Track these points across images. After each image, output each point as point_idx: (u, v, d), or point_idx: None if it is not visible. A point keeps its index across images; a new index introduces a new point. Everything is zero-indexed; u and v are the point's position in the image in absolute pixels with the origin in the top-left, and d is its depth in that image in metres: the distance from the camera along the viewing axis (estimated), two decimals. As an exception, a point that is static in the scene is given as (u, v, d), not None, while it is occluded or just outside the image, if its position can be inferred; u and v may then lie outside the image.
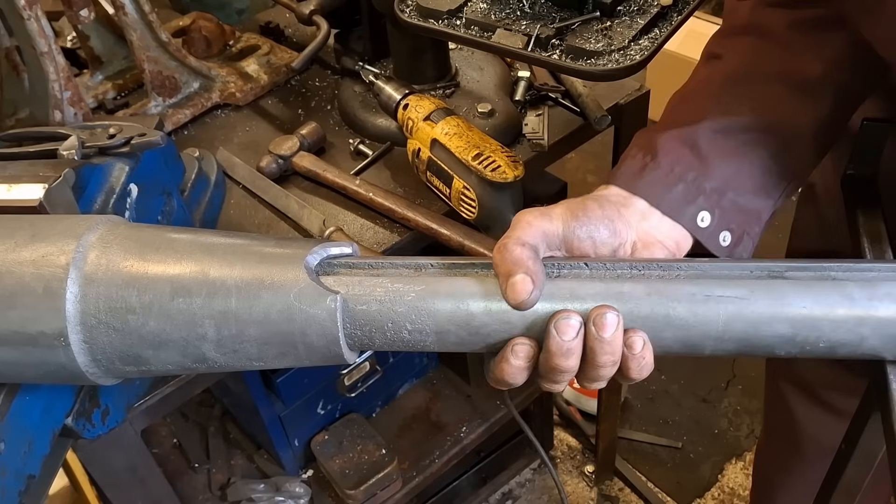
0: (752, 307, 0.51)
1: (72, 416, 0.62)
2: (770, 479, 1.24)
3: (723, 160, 0.64)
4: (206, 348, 0.52)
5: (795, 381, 1.07)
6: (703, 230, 0.63)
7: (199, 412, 1.57)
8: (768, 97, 0.67)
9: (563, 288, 0.52)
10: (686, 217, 0.62)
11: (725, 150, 0.64)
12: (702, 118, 0.66)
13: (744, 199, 0.64)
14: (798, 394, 1.07)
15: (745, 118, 0.65)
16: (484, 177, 0.90)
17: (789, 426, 1.12)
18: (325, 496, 1.43)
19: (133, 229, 0.55)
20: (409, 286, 0.53)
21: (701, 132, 0.65)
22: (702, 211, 0.63)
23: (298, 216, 1.01)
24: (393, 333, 0.53)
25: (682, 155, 0.64)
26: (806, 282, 0.52)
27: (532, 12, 0.92)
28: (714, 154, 0.64)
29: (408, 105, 1.00)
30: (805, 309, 0.51)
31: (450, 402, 1.53)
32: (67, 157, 0.69)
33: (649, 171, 0.63)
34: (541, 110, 1.12)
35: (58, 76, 0.91)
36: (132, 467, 0.91)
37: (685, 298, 0.51)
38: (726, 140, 0.65)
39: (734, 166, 0.64)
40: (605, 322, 0.50)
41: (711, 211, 0.63)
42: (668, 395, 2.09)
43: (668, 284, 0.52)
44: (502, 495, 1.91)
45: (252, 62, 1.25)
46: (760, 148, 0.65)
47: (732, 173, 0.64)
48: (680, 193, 0.63)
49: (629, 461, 1.94)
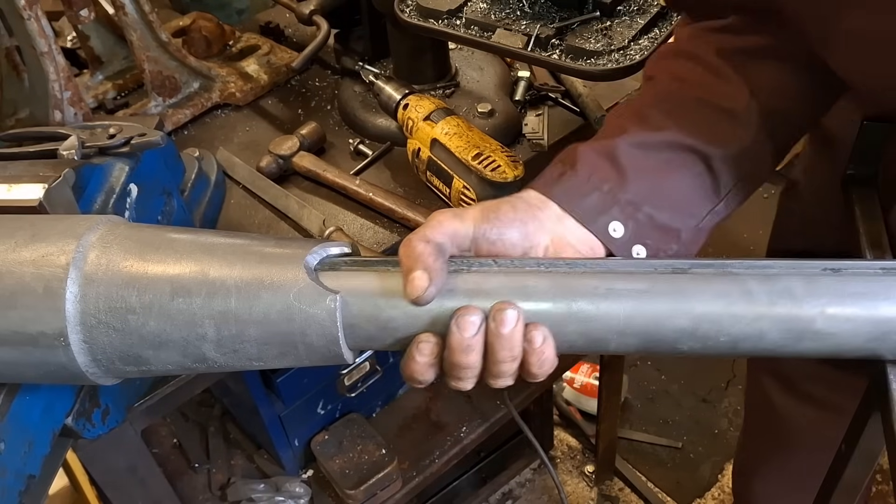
0: (653, 301, 0.52)
1: (72, 416, 0.62)
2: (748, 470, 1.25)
3: (641, 174, 0.65)
4: (206, 348, 0.52)
5: (774, 372, 1.08)
6: (615, 241, 0.63)
7: (199, 412, 1.57)
8: (692, 118, 0.67)
9: (469, 283, 0.53)
10: (598, 225, 0.63)
11: (644, 164, 0.65)
12: (624, 133, 0.67)
13: (661, 216, 0.65)
14: (777, 385, 1.08)
15: (668, 136, 0.66)
16: (484, 177, 0.90)
17: (768, 417, 1.13)
18: (325, 496, 1.42)
19: (133, 229, 0.55)
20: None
21: (620, 145, 0.66)
22: (614, 221, 0.63)
23: (298, 216, 1.01)
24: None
25: (600, 165, 0.65)
26: (707, 277, 0.52)
27: (532, 12, 0.92)
28: (632, 167, 0.65)
29: (408, 105, 1.00)
30: (704, 303, 0.51)
31: (450, 402, 1.53)
32: (67, 157, 0.69)
33: (566, 178, 0.64)
34: (541, 110, 1.12)
35: (58, 76, 0.91)
36: (132, 467, 0.91)
37: (587, 292, 0.52)
38: (646, 155, 0.66)
39: (652, 182, 0.65)
40: (504, 318, 0.51)
41: (625, 223, 0.63)
42: (668, 395, 2.09)
43: (572, 279, 0.53)
44: (502, 495, 1.91)
45: (252, 62, 1.25)
46: (682, 167, 0.66)
47: (650, 188, 0.65)
48: (594, 201, 0.63)
49: (629, 461, 1.94)
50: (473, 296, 0.53)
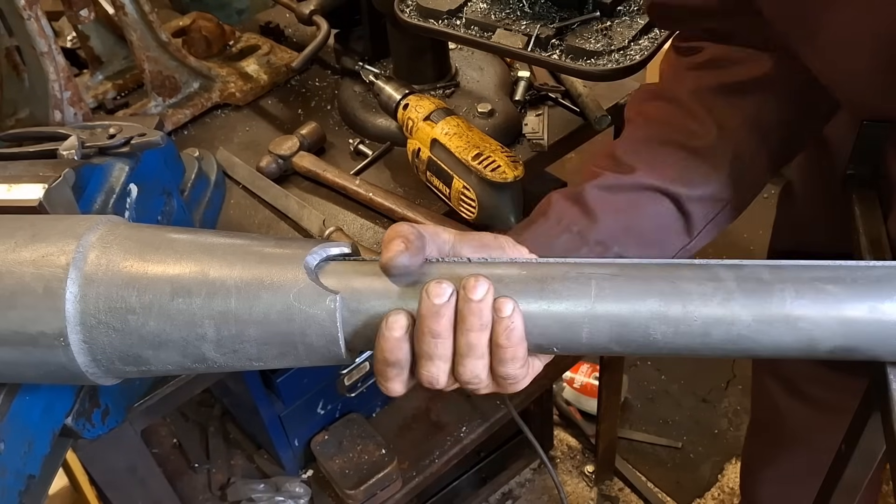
0: (623, 281, 0.52)
1: (72, 416, 0.62)
2: (755, 470, 1.25)
3: (609, 215, 0.66)
4: (206, 348, 0.52)
5: (777, 375, 1.09)
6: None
7: (199, 412, 1.57)
8: (662, 160, 0.69)
9: (442, 269, 0.54)
10: None
11: (612, 206, 0.67)
12: (597, 176, 0.69)
13: (630, 254, 0.66)
14: (780, 387, 1.09)
15: (635, 178, 0.68)
16: (484, 177, 0.90)
17: (773, 419, 1.14)
18: (325, 496, 1.42)
19: (133, 229, 0.55)
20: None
21: (588, 189, 0.68)
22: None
23: (298, 216, 1.02)
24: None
25: (569, 209, 0.67)
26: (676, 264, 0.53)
27: (532, 12, 0.92)
28: (601, 209, 0.66)
29: (408, 105, 1.00)
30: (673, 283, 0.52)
31: (450, 402, 1.53)
32: (67, 157, 0.69)
33: (538, 224, 0.67)
34: (541, 110, 1.12)
35: (58, 76, 0.91)
36: (132, 467, 0.91)
37: (558, 275, 0.53)
38: (614, 197, 0.67)
39: (621, 222, 0.66)
40: (475, 285, 0.51)
41: None
42: (668, 395, 2.09)
43: (543, 268, 0.54)
44: (502, 495, 1.91)
45: (252, 62, 1.25)
46: (650, 207, 0.67)
47: (619, 228, 0.66)
48: (563, 243, 0.65)
49: (629, 461, 1.94)
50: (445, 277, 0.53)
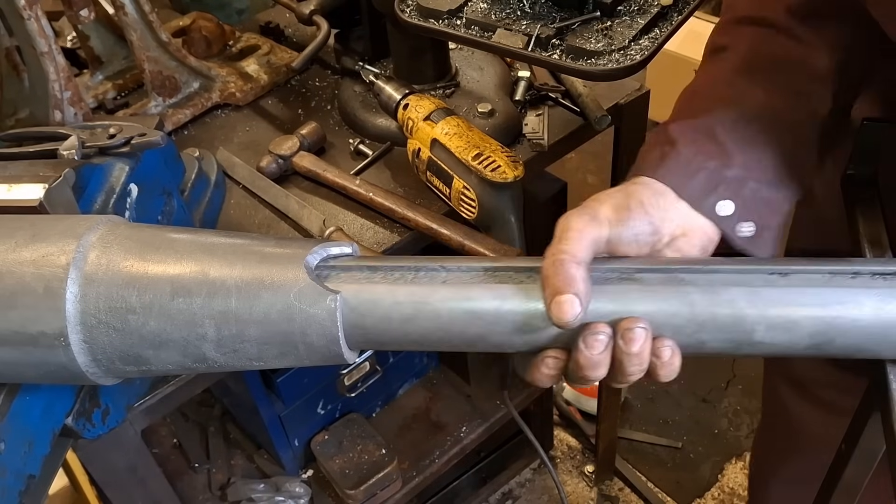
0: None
1: (72, 416, 0.62)
2: (766, 472, 1.25)
3: (741, 149, 0.64)
4: (207, 348, 0.52)
5: (789, 377, 1.08)
6: (724, 219, 0.62)
7: (199, 412, 1.57)
8: (781, 86, 0.66)
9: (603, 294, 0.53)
10: (707, 206, 0.62)
11: (744, 138, 0.64)
12: (715, 107, 0.66)
13: (764, 189, 0.64)
14: (790, 390, 1.09)
15: (758, 106, 0.65)
16: (484, 177, 0.90)
17: (783, 420, 1.13)
18: (325, 496, 1.43)
19: (133, 229, 0.55)
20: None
21: (717, 121, 0.64)
22: (723, 200, 0.62)
23: (298, 216, 1.01)
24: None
25: (701, 144, 0.64)
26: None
27: (532, 12, 0.92)
28: (732, 142, 0.63)
29: (408, 105, 1.00)
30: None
31: (450, 402, 1.53)
32: (67, 157, 0.69)
33: (671, 159, 0.63)
34: (541, 110, 1.12)
35: (58, 76, 0.90)
36: (132, 467, 0.90)
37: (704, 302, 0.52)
38: (744, 128, 0.64)
39: (753, 154, 0.64)
40: (633, 337, 0.51)
41: (734, 199, 0.62)
42: (668, 395, 2.09)
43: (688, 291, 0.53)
44: (502, 495, 1.91)
45: (252, 62, 1.25)
46: (776, 136, 0.65)
47: (752, 162, 0.64)
48: (702, 181, 0.62)
49: (629, 461, 1.94)
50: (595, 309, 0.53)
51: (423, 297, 0.53)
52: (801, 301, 0.52)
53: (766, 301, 0.52)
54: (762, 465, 1.28)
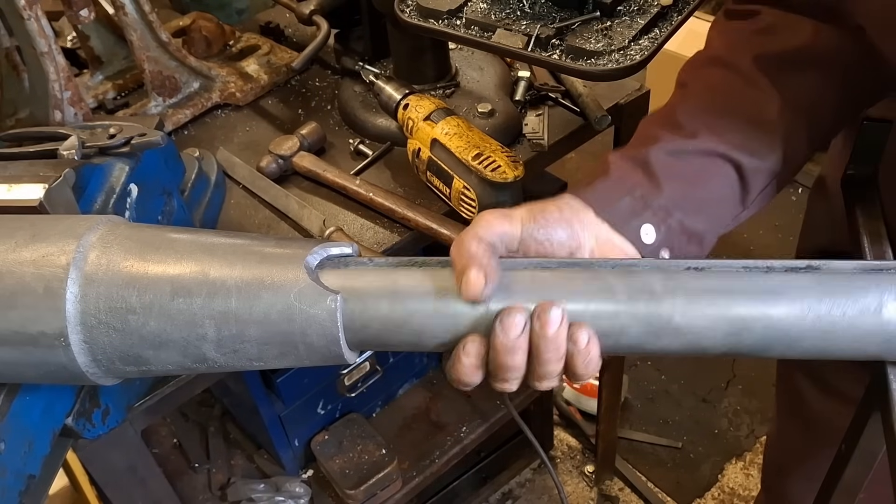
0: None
1: (72, 416, 0.62)
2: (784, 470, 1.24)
3: (673, 181, 0.65)
4: (207, 348, 0.52)
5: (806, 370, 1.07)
6: (646, 246, 0.63)
7: (199, 412, 1.57)
8: (726, 127, 0.68)
9: (520, 281, 0.53)
10: (630, 229, 0.63)
11: (677, 171, 0.65)
12: (658, 140, 0.67)
13: (691, 222, 0.65)
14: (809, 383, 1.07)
15: (701, 143, 0.66)
16: (484, 177, 0.90)
17: (802, 416, 1.12)
18: (325, 496, 1.43)
19: (133, 229, 0.55)
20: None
21: (653, 152, 0.66)
22: (646, 224, 0.63)
23: (298, 216, 1.01)
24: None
25: (632, 172, 0.65)
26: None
27: (532, 12, 0.92)
28: (665, 174, 0.65)
29: (408, 105, 1.00)
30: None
31: (450, 402, 1.53)
32: (67, 157, 0.69)
33: (599, 182, 0.65)
34: (541, 110, 1.12)
35: (58, 76, 0.90)
36: (132, 467, 0.91)
37: (622, 287, 0.52)
38: (679, 162, 0.66)
39: (684, 188, 0.65)
40: (548, 318, 0.51)
41: (657, 227, 0.64)
42: (668, 395, 2.09)
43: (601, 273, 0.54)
44: (502, 495, 1.91)
45: (252, 62, 1.25)
46: (716, 175, 0.66)
47: (682, 195, 0.65)
48: (626, 205, 0.64)
49: (629, 461, 1.94)
50: (518, 295, 0.53)
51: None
52: (719, 286, 0.52)
53: (683, 282, 0.52)
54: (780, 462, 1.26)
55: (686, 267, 0.53)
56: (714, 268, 0.53)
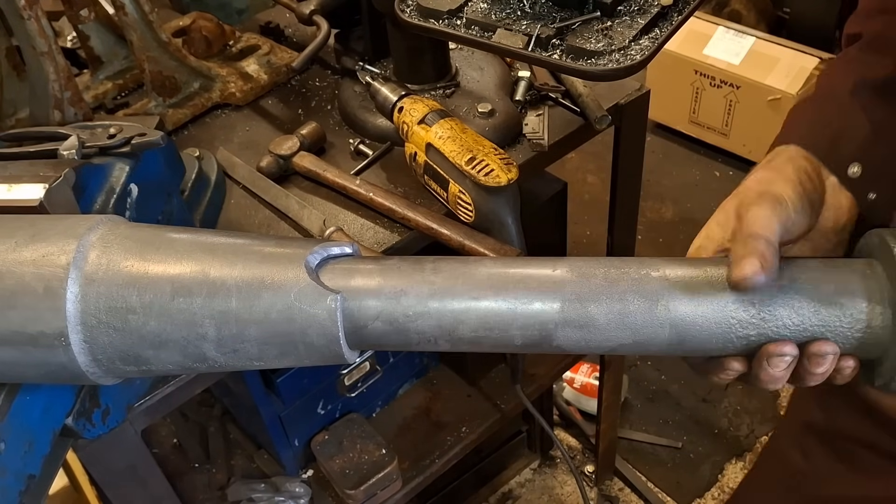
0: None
1: (72, 416, 0.62)
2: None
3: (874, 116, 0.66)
4: (207, 348, 0.52)
5: (821, 429, 0.95)
6: (852, 182, 0.65)
7: (199, 412, 1.57)
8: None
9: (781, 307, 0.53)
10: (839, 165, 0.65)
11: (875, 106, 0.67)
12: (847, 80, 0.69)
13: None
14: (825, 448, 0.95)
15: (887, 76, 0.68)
16: (477, 181, 0.90)
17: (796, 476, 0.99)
18: (325, 496, 1.42)
19: (133, 229, 0.55)
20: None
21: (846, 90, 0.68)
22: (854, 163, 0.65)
23: (298, 216, 1.01)
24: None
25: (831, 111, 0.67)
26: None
27: (532, 12, 0.92)
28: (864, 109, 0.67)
29: (402, 108, 1.00)
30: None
31: (450, 402, 1.53)
32: (68, 157, 0.69)
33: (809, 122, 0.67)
34: (541, 110, 1.12)
35: (58, 76, 0.90)
36: (132, 467, 0.90)
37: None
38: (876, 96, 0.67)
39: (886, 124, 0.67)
40: (821, 361, 0.52)
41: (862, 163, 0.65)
42: (668, 395, 2.09)
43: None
44: (502, 495, 1.91)
45: (252, 62, 1.25)
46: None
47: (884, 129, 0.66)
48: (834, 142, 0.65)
49: (629, 461, 1.94)
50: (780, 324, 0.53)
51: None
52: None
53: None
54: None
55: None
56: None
